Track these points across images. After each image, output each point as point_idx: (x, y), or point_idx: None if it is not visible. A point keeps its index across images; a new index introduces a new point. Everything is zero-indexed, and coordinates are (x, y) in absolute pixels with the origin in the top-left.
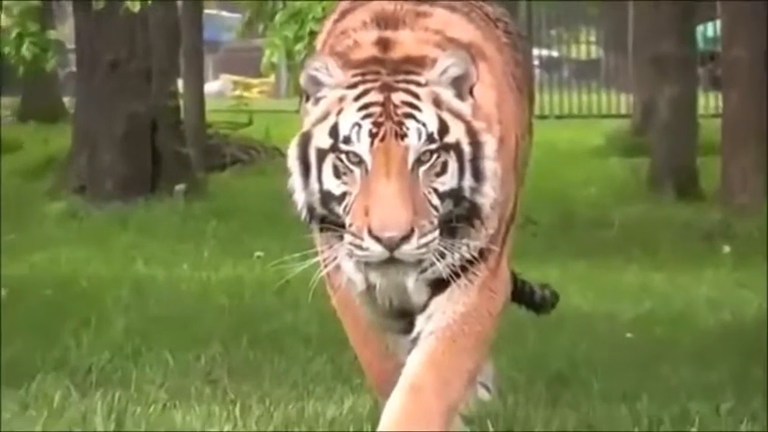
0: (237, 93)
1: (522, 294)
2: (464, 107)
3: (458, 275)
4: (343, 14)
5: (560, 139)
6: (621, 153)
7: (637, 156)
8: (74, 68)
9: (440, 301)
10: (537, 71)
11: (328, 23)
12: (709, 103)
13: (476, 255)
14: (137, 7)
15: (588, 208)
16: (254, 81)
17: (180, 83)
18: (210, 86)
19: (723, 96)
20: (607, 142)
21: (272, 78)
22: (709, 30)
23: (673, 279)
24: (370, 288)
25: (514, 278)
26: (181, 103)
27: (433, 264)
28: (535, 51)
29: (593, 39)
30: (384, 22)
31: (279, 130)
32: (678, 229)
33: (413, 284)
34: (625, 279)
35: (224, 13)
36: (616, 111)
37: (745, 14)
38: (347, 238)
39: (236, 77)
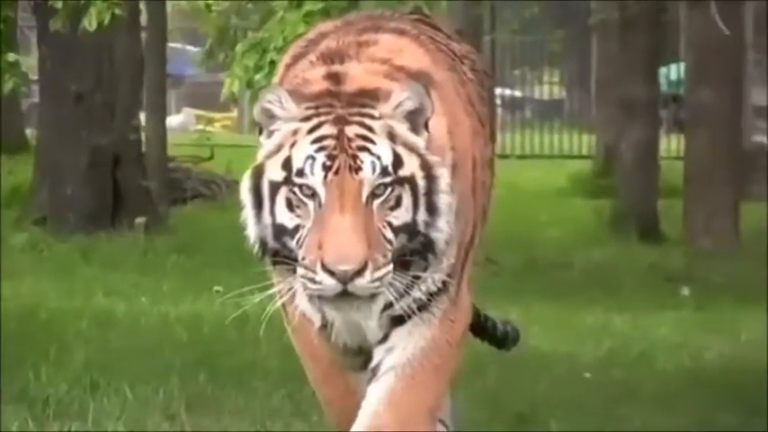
0: (200, 126)
1: (484, 329)
2: (418, 141)
3: (420, 309)
4: (295, 59)
5: (522, 180)
6: (584, 194)
7: (599, 197)
8: (36, 100)
9: (401, 333)
10: (499, 111)
11: (281, 68)
12: (670, 145)
13: (439, 286)
14: (93, 25)
15: (550, 249)
16: (217, 115)
17: (142, 116)
18: (173, 120)
19: (686, 139)
20: (570, 183)
21: (234, 113)
22: (673, 72)
23: (634, 321)
24: (326, 326)
25: (477, 313)
26: (143, 136)
27: (391, 304)
28: (498, 91)
29: (556, 79)
30: (330, 58)
31: (241, 165)
32: (640, 272)
33: (373, 323)
34: (586, 320)
35: (188, 47)
36: (578, 151)
37: (710, 58)
38: (300, 271)
39: (199, 111)
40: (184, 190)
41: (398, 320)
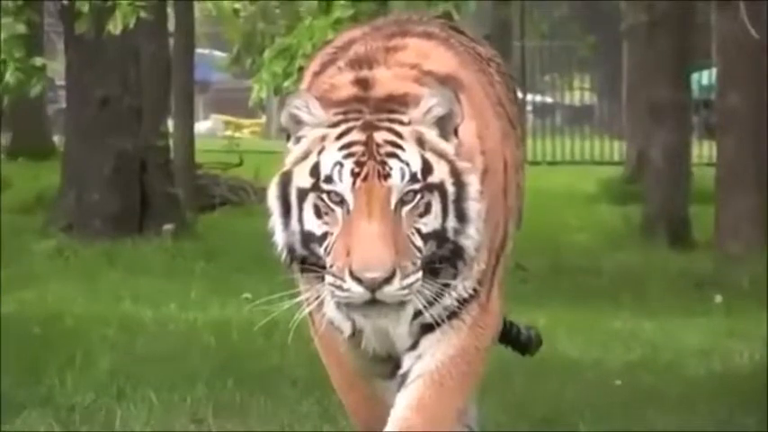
0: (228, 133)
1: (508, 334)
2: (448, 147)
3: (450, 316)
4: (324, 67)
5: (552, 186)
6: (614, 200)
7: (629, 203)
8: (63, 105)
9: (430, 340)
10: (530, 117)
11: (309, 76)
12: (702, 151)
13: (471, 292)
14: (118, 29)
15: (579, 254)
16: (245, 121)
17: (170, 122)
18: (201, 126)
19: (718, 144)
20: (599, 189)
21: (262, 119)
22: (704, 78)
23: (663, 327)
24: (355, 334)
25: (503, 319)
26: (171, 142)
27: (421, 311)
28: (528, 97)
29: (586, 85)
30: (358, 63)
31: (269, 171)
32: (669, 277)
33: (403, 330)
34: (615, 326)
35: (216, 53)
36: (609, 158)
37: (740, 62)
38: (328, 278)
39: (227, 117)
40: (212, 196)
41: (428, 327)
